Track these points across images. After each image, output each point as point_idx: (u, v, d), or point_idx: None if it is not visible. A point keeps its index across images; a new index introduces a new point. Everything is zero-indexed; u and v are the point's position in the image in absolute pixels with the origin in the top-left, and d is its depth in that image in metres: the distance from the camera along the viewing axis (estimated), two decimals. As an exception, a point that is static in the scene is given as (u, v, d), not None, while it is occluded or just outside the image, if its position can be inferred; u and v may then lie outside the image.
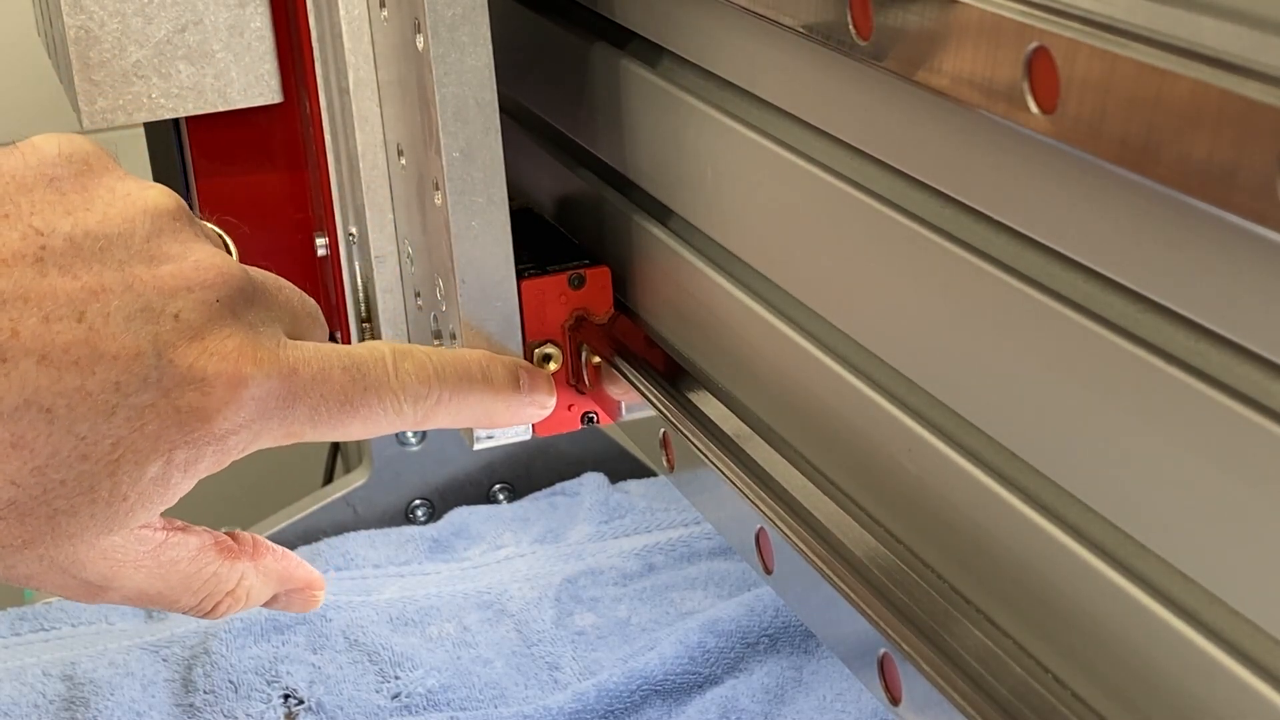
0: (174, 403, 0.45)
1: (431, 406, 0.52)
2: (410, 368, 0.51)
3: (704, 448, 0.54)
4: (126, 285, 0.45)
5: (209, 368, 0.46)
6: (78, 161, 0.47)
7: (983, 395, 0.42)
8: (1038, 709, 0.39)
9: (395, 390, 0.51)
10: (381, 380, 0.50)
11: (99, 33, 0.61)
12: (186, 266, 0.47)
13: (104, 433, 0.45)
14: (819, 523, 0.48)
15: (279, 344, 0.48)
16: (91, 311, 0.45)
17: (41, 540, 0.45)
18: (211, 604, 0.51)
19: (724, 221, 0.55)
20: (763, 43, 0.50)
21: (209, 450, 0.46)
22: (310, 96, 0.65)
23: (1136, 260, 0.35)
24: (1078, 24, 0.33)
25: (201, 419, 0.46)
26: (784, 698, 0.76)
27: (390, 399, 0.51)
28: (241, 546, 0.52)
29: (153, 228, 0.47)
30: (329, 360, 0.49)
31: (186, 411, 0.46)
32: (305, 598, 0.54)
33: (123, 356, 0.45)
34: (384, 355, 0.51)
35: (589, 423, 0.62)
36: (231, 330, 0.47)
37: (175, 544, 0.49)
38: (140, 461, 0.45)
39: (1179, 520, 0.36)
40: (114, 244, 0.46)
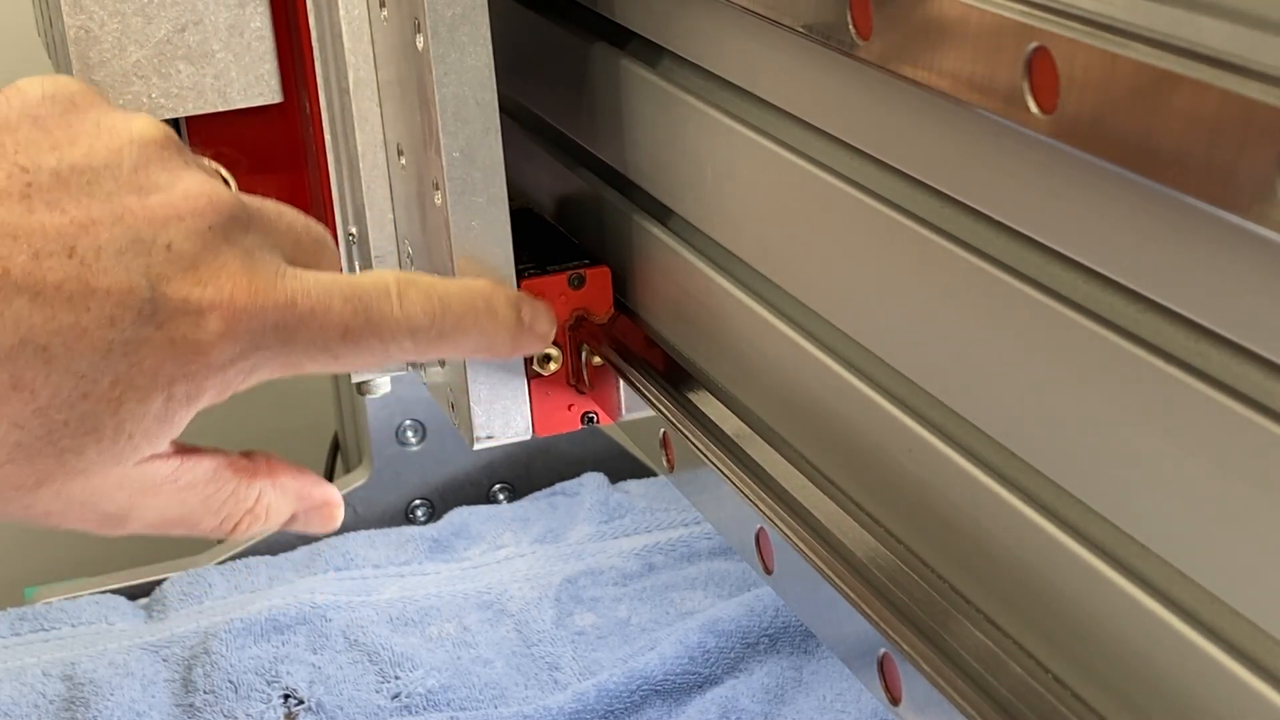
0: (169, 335, 0.45)
1: (434, 339, 0.51)
2: (415, 297, 0.50)
3: (704, 448, 0.54)
4: (116, 217, 0.45)
5: (203, 298, 0.45)
6: (63, 100, 0.47)
7: (983, 395, 0.42)
8: (1038, 709, 0.39)
9: (398, 321, 0.50)
10: (385, 311, 0.49)
11: (99, 32, 0.61)
12: (176, 195, 0.46)
13: (102, 370, 0.44)
14: (819, 523, 0.48)
15: (277, 272, 0.47)
16: (82, 246, 0.44)
17: (54, 478, 0.45)
18: (231, 524, 0.51)
19: (724, 221, 0.55)
20: (763, 43, 0.50)
21: (209, 383, 0.46)
22: (310, 96, 0.65)
23: (1136, 260, 0.35)
24: (1078, 24, 0.33)
25: (198, 351, 0.45)
26: (784, 698, 0.76)
27: (391, 331, 0.49)
28: (257, 465, 0.52)
29: (140, 157, 0.46)
30: (330, 290, 0.48)
31: (182, 344, 0.45)
32: (324, 515, 0.54)
33: (115, 291, 0.44)
34: (388, 285, 0.50)
35: (589, 423, 0.62)
36: (226, 259, 0.46)
37: (190, 468, 0.49)
38: (142, 398, 0.45)
39: (1179, 520, 0.36)
40: (101, 176, 0.45)
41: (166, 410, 0.45)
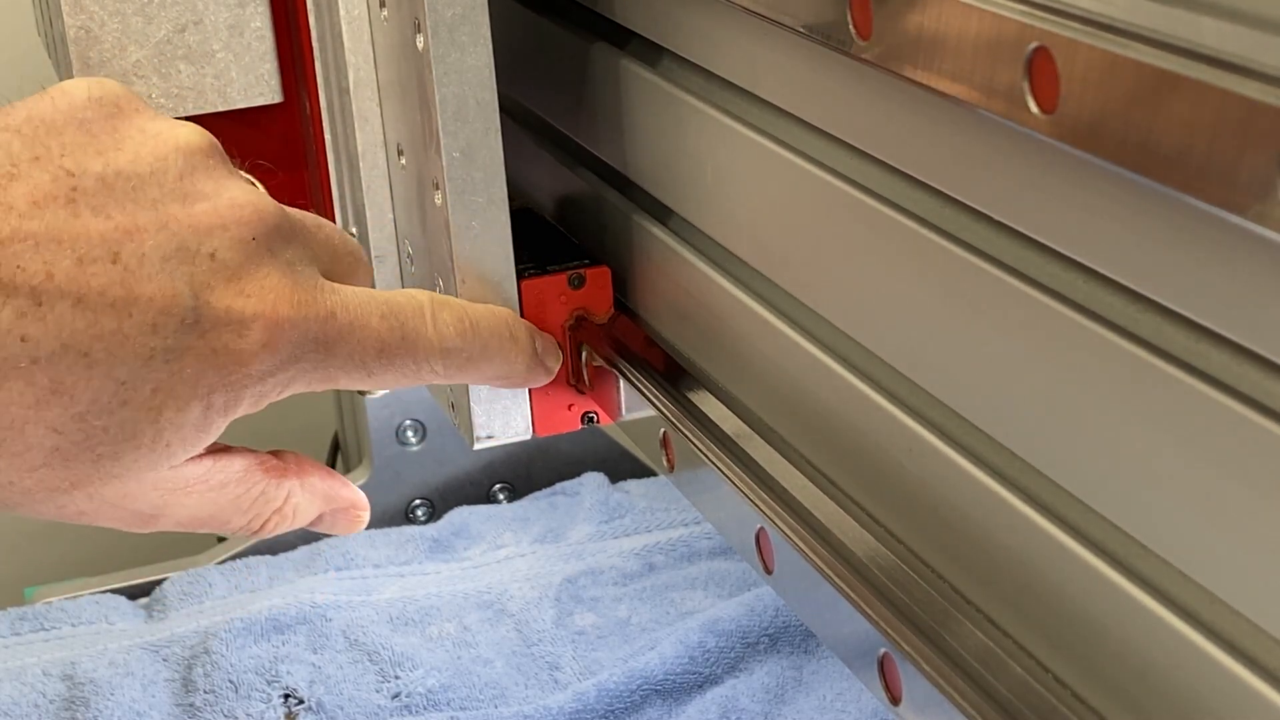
0: (211, 344, 0.45)
1: (464, 362, 0.52)
2: (448, 319, 0.51)
3: (704, 448, 0.54)
4: (161, 224, 0.45)
5: (246, 309, 0.45)
6: (108, 104, 0.47)
7: (983, 395, 0.42)
8: (1038, 709, 0.39)
9: (431, 342, 0.50)
10: (419, 331, 0.50)
11: (99, 32, 0.61)
12: (221, 204, 0.46)
13: (143, 377, 0.44)
14: (819, 523, 0.48)
15: (317, 286, 0.47)
16: (126, 252, 0.44)
17: (89, 481, 0.45)
18: (260, 522, 0.51)
19: (724, 221, 0.55)
20: (763, 42, 0.50)
21: (247, 393, 0.46)
22: (310, 96, 0.65)
23: (1136, 260, 0.35)
24: (1078, 24, 0.33)
25: (239, 361, 0.45)
26: (784, 697, 0.76)
27: (425, 350, 0.50)
28: (286, 464, 0.52)
29: (186, 165, 0.46)
30: (367, 306, 0.49)
31: (224, 354, 0.45)
32: (350, 517, 0.54)
33: (159, 298, 0.44)
34: (422, 305, 0.50)
35: (589, 423, 0.62)
36: (269, 270, 0.46)
37: (222, 468, 0.49)
38: (181, 407, 0.45)
39: (1179, 520, 0.36)
40: (147, 183, 0.45)
41: (205, 419, 0.46)
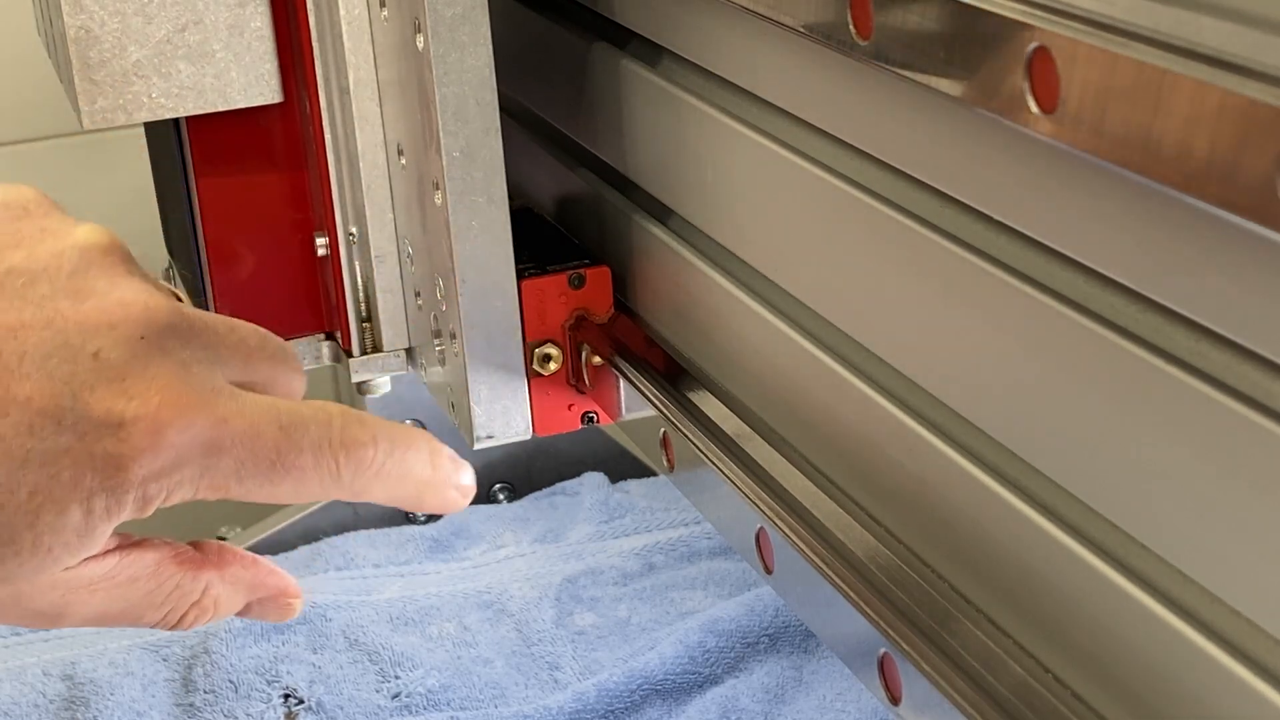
0: (89, 448, 0.43)
1: (371, 476, 0.48)
2: (356, 432, 0.48)
3: (704, 448, 0.54)
4: (46, 322, 0.43)
5: (127, 411, 0.43)
6: (15, 207, 0.46)
7: (983, 395, 0.42)
8: (1038, 709, 0.39)
9: (335, 453, 0.47)
10: (321, 441, 0.47)
11: (99, 32, 0.61)
12: (110, 302, 0.44)
13: (19, 480, 0.42)
14: (819, 523, 0.48)
15: (212, 389, 0.45)
16: (6, 350, 0.43)
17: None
18: (177, 617, 0.49)
19: (724, 221, 0.55)
20: (763, 42, 0.50)
21: (129, 497, 0.44)
22: (310, 96, 0.65)
23: (1136, 260, 0.35)
24: (1078, 24, 0.33)
25: (118, 465, 0.43)
26: (784, 697, 0.76)
27: (328, 462, 0.47)
28: (205, 556, 0.49)
29: (80, 262, 0.45)
30: (267, 414, 0.46)
31: (102, 457, 0.43)
32: (280, 605, 0.52)
33: (36, 399, 0.42)
34: (330, 416, 0.47)
35: (589, 423, 0.62)
36: (158, 371, 0.44)
37: (130, 563, 0.47)
38: (60, 511, 0.43)
39: (1179, 520, 0.36)
40: (37, 280, 0.44)
41: (86, 523, 0.44)
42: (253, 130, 0.66)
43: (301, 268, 0.68)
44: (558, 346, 0.61)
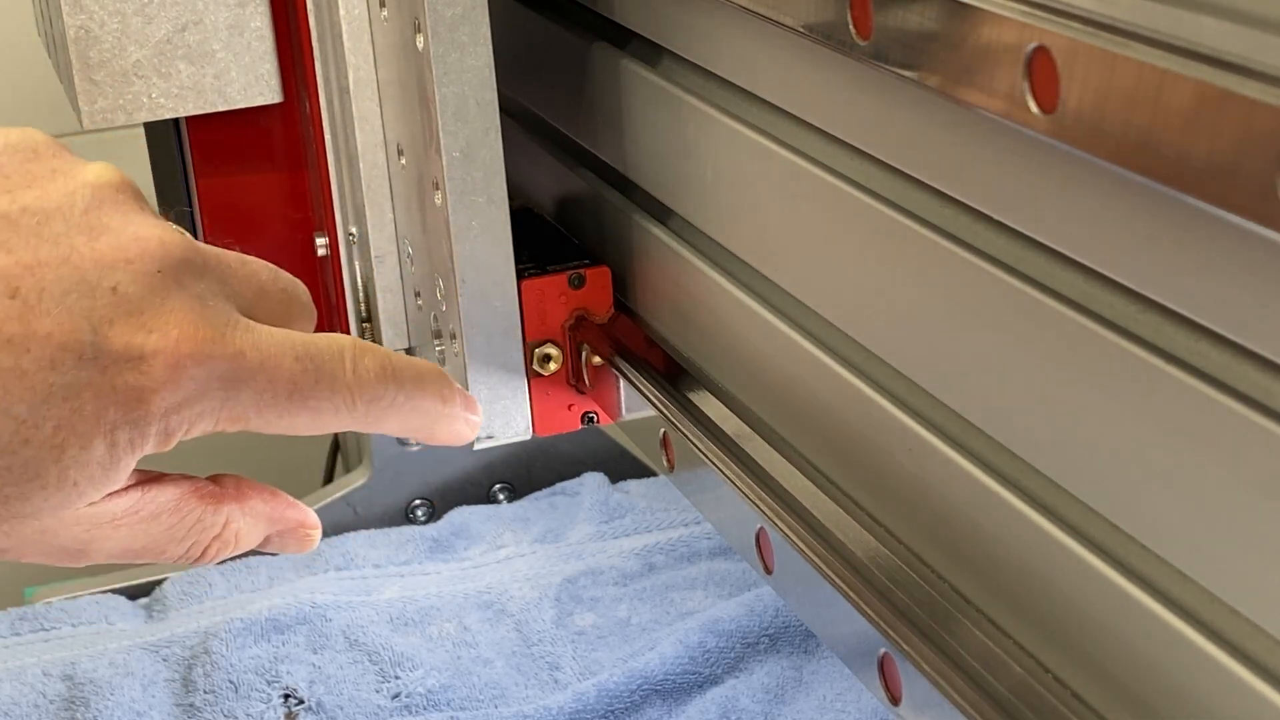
0: (111, 381, 0.43)
1: (385, 408, 0.49)
2: (370, 364, 0.49)
3: (704, 448, 0.54)
4: (63, 259, 0.44)
5: (146, 344, 0.44)
6: (25, 149, 0.46)
7: (983, 395, 0.42)
8: (1038, 709, 0.39)
9: (350, 385, 0.48)
10: (336, 374, 0.48)
11: (99, 32, 0.61)
12: (126, 238, 0.45)
13: (43, 415, 0.43)
14: (819, 523, 0.48)
15: (228, 322, 0.46)
16: (25, 287, 0.43)
17: (1, 520, 0.44)
18: (199, 550, 0.49)
19: (724, 221, 0.55)
20: (763, 42, 0.50)
21: (152, 430, 0.44)
22: (310, 96, 0.65)
23: (1136, 260, 0.35)
24: (1078, 24, 0.33)
25: (139, 398, 0.44)
26: (784, 698, 0.76)
27: (344, 394, 0.48)
28: (225, 489, 0.50)
29: (93, 199, 0.45)
30: (282, 346, 0.46)
31: (124, 390, 0.43)
32: (299, 537, 0.52)
33: (56, 334, 0.43)
34: (343, 349, 0.48)
35: (589, 423, 0.62)
36: (175, 304, 0.45)
37: (152, 498, 0.47)
38: (84, 445, 0.43)
39: (1179, 520, 0.36)
40: (52, 218, 0.44)
41: (110, 456, 0.44)
42: (253, 130, 0.66)
43: (301, 268, 0.68)
44: (558, 347, 0.61)
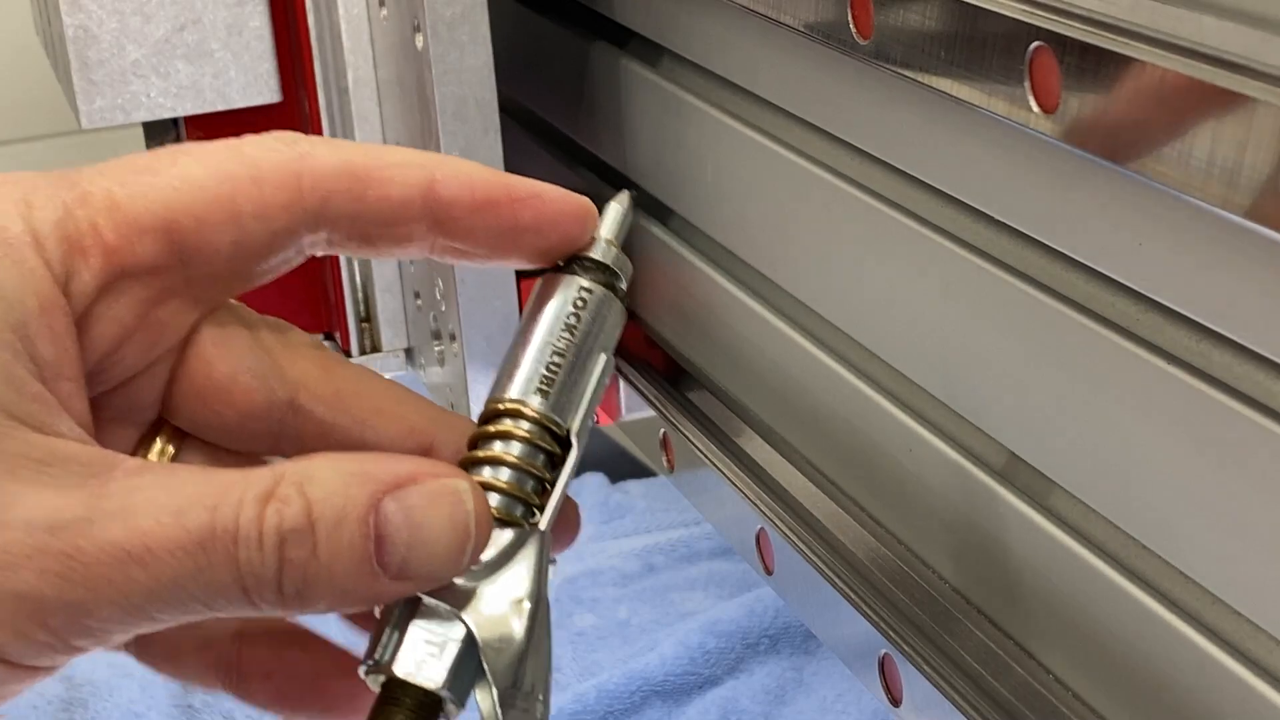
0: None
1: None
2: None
3: (704, 448, 0.54)
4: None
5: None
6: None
7: (983, 395, 0.42)
8: (1038, 709, 0.39)
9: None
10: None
11: (97, 32, 0.61)
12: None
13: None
14: (819, 523, 0.48)
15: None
16: None
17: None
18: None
19: (724, 221, 0.55)
20: (763, 42, 0.50)
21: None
22: (309, 96, 0.64)
23: (1137, 260, 0.35)
24: (1078, 23, 0.33)
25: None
26: (784, 698, 0.76)
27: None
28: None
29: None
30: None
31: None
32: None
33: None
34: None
35: (589, 423, 0.62)
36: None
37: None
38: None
39: (1179, 520, 0.36)
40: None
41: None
42: (252, 130, 0.66)
43: (300, 268, 0.68)
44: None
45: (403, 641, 0.33)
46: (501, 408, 0.35)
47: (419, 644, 0.33)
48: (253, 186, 0.36)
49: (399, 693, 0.33)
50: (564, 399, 0.35)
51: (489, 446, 0.35)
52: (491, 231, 0.36)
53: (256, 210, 0.35)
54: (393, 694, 0.33)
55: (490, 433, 0.35)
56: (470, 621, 0.33)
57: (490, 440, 0.35)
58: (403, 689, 0.33)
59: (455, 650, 0.33)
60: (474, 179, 0.36)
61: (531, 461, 0.35)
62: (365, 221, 0.36)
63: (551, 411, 0.35)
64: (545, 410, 0.35)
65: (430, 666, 0.33)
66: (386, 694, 0.33)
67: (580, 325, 0.35)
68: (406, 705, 0.33)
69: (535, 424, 0.35)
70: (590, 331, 0.36)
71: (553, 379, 0.35)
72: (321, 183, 0.35)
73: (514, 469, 0.35)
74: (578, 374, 0.35)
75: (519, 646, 0.33)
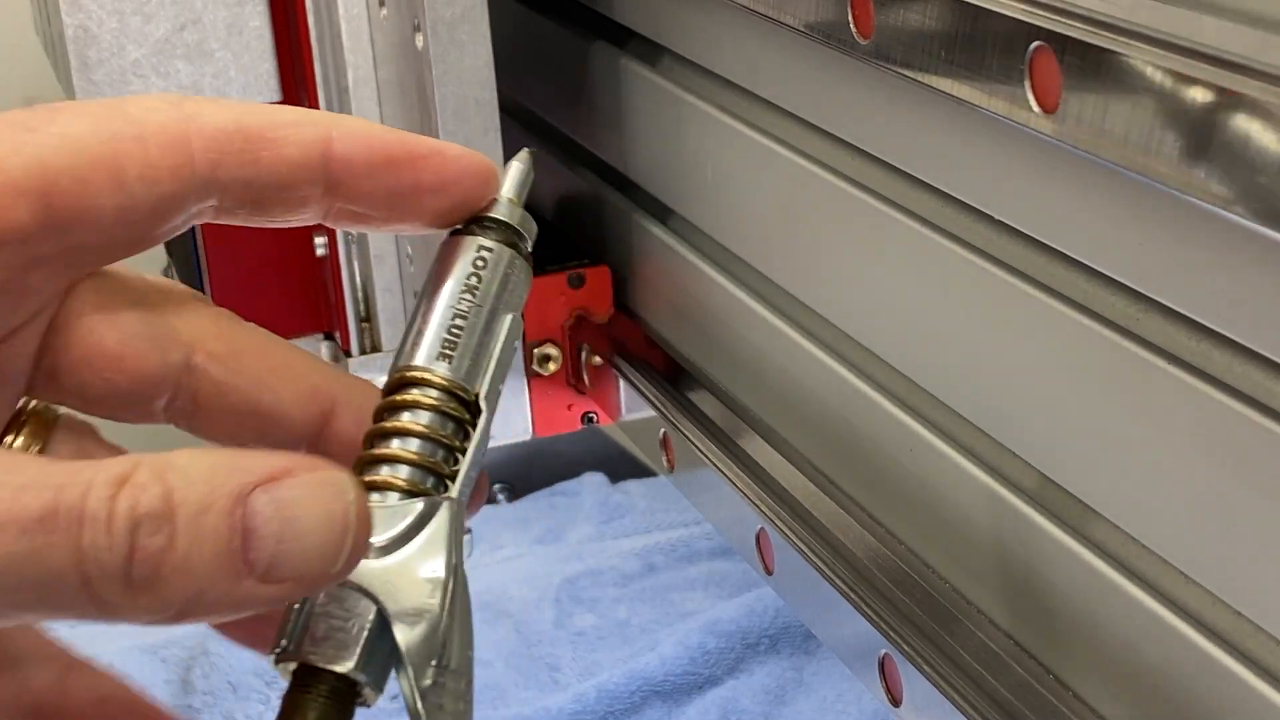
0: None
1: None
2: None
3: (704, 448, 0.54)
4: None
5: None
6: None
7: (983, 395, 0.42)
8: (1038, 710, 0.39)
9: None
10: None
11: (97, 31, 0.61)
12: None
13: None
14: (819, 523, 0.48)
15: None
16: None
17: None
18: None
19: (724, 221, 0.55)
20: (763, 42, 0.50)
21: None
22: (309, 95, 0.64)
23: (1137, 260, 0.35)
24: (1079, 23, 0.33)
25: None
26: (784, 699, 0.76)
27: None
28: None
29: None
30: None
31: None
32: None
33: None
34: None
35: (589, 423, 0.62)
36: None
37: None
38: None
39: (1179, 520, 0.36)
40: None
41: None
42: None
43: (300, 268, 0.68)
44: (557, 346, 0.61)
45: (309, 625, 0.31)
46: (406, 376, 0.33)
47: (327, 626, 0.31)
48: (138, 147, 0.33)
49: (310, 680, 0.31)
50: (470, 363, 0.33)
51: (396, 417, 0.33)
52: (391, 192, 0.34)
53: (143, 173, 0.32)
54: (304, 682, 0.31)
55: (396, 403, 0.33)
56: (381, 597, 0.31)
57: (396, 411, 0.33)
58: (314, 676, 0.31)
59: (366, 630, 0.31)
60: (372, 137, 0.34)
61: (440, 430, 0.33)
62: (259, 185, 0.33)
63: (458, 377, 0.33)
64: (451, 376, 0.33)
65: (341, 649, 0.31)
66: (298, 682, 0.31)
67: (482, 286, 0.34)
68: (320, 693, 0.31)
69: (442, 391, 0.33)
70: (494, 292, 0.34)
71: (456, 342, 0.34)
72: (213, 144, 0.33)
73: (422, 439, 0.33)
74: (484, 336, 0.34)
75: (435, 621, 0.31)
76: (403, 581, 0.31)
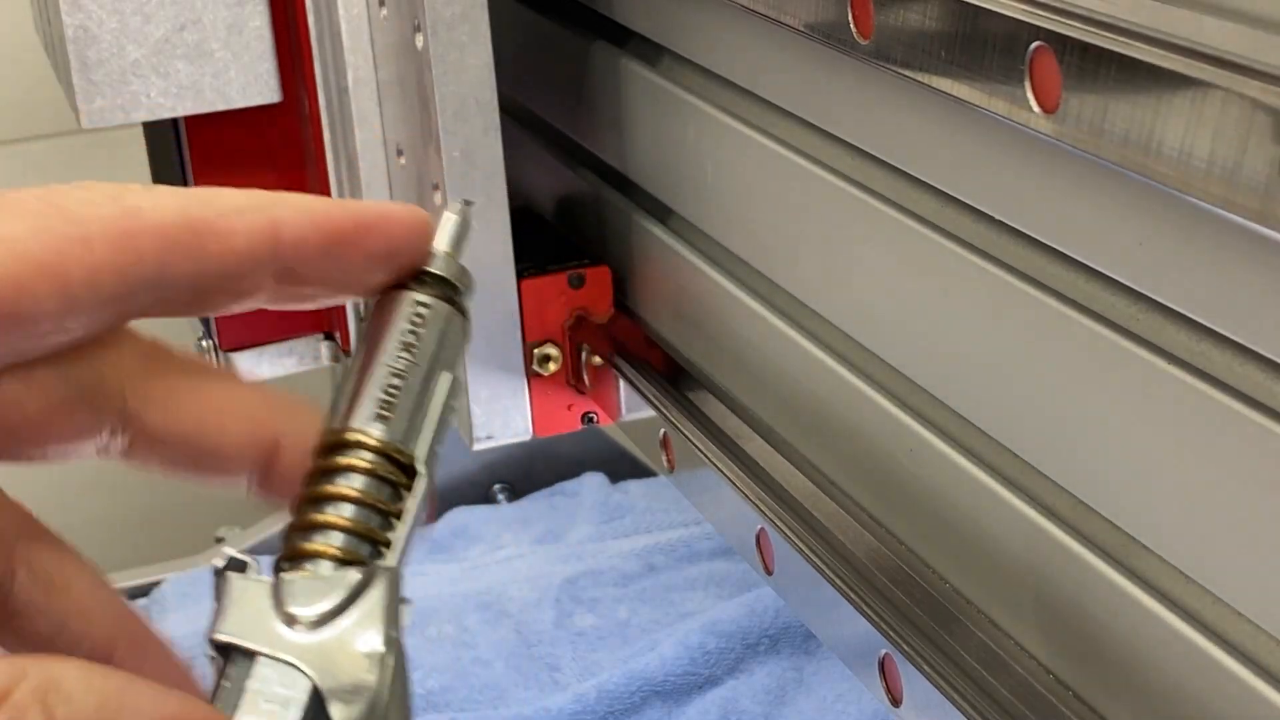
0: None
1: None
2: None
3: (704, 448, 0.54)
4: None
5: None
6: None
7: (983, 395, 0.42)
8: (1038, 709, 0.39)
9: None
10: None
11: (97, 31, 0.61)
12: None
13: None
14: (819, 523, 0.48)
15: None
16: None
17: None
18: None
19: (724, 221, 0.55)
20: (764, 42, 0.50)
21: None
22: (309, 96, 0.64)
23: (1137, 260, 0.35)
24: (1078, 23, 0.33)
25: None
26: (785, 699, 0.76)
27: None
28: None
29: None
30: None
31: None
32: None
33: None
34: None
35: (589, 423, 0.62)
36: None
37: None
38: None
39: (1179, 520, 0.36)
40: None
41: None
42: (252, 130, 0.66)
43: (301, 268, 0.68)
44: (557, 347, 0.61)
45: (240, 704, 0.29)
46: (342, 439, 0.32)
47: (258, 705, 0.29)
48: (83, 249, 0.31)
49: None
50: (408, 424, 0.32)
51: (330, 481, 0.31)
52: (343, 268, 0.33)
53: (87, 277, 0.31)
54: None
55: (330, 466, 0.31)
56: (314, 674, 0.30)
57: (330, 475, 0.31)
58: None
59: (300, 708, 0.29)
60: (317, 214, 0.33)
61: (376, 495, 0.31)
62: (207, 278, 0.32)
63: (394, 439, 0.32)
64: (388, 438, 0.32)
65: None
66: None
67: (419, 344, 0.32)
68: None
69: (377, 454, 0.31)
70: (430, 350, 0.33)
71: (392, 403, 0.32)
72: (160, 242, 0.31)
73: (357, 504, 0.31)
74: (421, 397, 0.32)
75: (373, 697, 0.30)
76: (339, 656, 0.30)
